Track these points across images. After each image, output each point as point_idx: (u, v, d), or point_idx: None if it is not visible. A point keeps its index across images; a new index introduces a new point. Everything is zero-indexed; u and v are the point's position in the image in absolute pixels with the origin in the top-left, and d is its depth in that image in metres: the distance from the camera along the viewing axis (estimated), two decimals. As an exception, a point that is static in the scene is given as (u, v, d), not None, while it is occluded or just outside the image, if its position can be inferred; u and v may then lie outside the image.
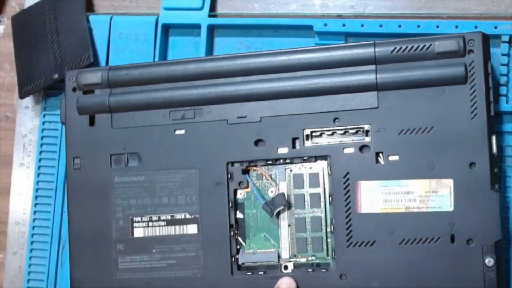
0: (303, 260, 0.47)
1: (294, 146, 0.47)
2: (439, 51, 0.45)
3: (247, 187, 0.48)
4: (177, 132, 0.49)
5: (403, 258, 0.44)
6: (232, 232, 0.47)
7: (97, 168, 0.49)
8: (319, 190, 0.47)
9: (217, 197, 0.47)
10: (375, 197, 0.45)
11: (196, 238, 0.48)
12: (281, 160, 0.48)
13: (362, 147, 0.46)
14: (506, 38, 0.49)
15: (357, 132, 0.46)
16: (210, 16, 0.54)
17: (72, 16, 0.56)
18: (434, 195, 0.44)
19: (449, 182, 0.44)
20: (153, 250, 0.48)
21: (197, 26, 0.54)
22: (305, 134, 0.47)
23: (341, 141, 0.46)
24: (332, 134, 0.46)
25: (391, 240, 0.44)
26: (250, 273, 0.47)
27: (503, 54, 0.49)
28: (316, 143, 0.47)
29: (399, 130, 0.45)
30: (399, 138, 0.45)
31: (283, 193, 0.47)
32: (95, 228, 0.49)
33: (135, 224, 0.49)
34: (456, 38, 0.45)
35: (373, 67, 0.46)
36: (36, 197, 0.56)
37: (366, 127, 0.46)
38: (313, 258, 0.47)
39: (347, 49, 0.46)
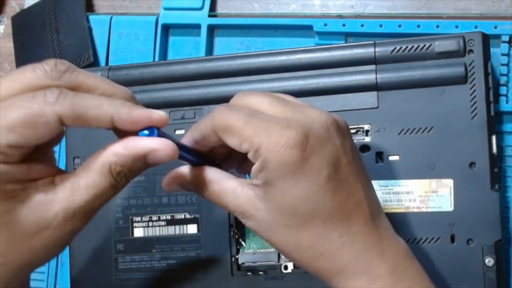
0: (303, 260, 0.47)
1: (294, 146, 0.47)
2: (439, 51, 0.45)
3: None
4: (177, 132, 0.49)
5: (403, 258, 0.44)
6: (232, 232, 0.47)
7: (97, 168, 0.49)
8: (319, 190, 0.47)
9: (217, 197, 0.47)
10: (375, 197, 0.45)
11: (196, 238, 0.48)
12: (281, 160, 0.47)
13: (362, 147, 0.46)
14: (506, 38, 0.49)
15: (357, 132, 0.46)
16: (210, 16, 0.54)
17: (72, 16, 0.56)
18: (434, 195, 0.44)
19: (449, 182, 0.44)
20: (153, 250, 0.48)
21: (197, 26, 0.54)
22: (305, 134, 0.47)
23: (341, 141, 0.46)
24: (332, 134, 0.46)
25: (391, 240, 0.44)
26: (250, 273, 0.47)
27: (503, 54, 0.49)
28: (316, 143, 0.47)
29: (399, 130, 0.45)
30: (399, 138, 0.45)
31: (283, 193, 0.47)
32: (95, 228, 0.49)
33: (135, 224, 0.49)
34: (456, 38, 0.45)
35: (373, 67, 0.46)
36: (36, 197, 0.56)
37: (366, 127, 0.46)
38: (313, 258, 0.47)
39: (347, 49, 0.46)
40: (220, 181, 0.36)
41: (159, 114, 0.33)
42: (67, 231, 0.33)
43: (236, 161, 0.39)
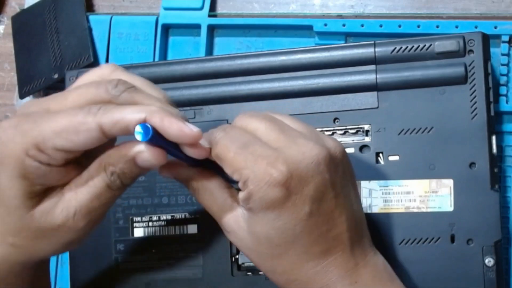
0: (303, 260, 0.47)
1: (294, 146, 0.47)
2: (439, 51, 0.45)
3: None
4: (177, 132, 0.49)
5: (403, 258, 0.44)
6: (232, 232, 0.47)
7: (97, 168, 0.49)
8: (319, 190, 0.47)
9: (217, 197, 0.47)
10: (375, 197, 0.45)
11: (196, 238, 0.48)
12: (281, 160, 0.47)
13: (362, 147, 0.46)
14: (506, 38, 0.49)
15: (357, 132, 0.46)
16: (210, 16, 0.54)
17: (72, 16, 0.56)
18: (434, 195, 0.44)
19: (449, 182, 0.44)
20: (153, 250, 0.48)
21: (197, 26, 0.54)
22: (305, 134, 0.47)
23: (341, 141, 0.46)
24: (332, 134, 0.46)
25: (391, 240, 0.44)
26: (250, 273, 0.47)
27: (503, 54, 0.49)
28: (316, 143, 0.47)
29: (399, 130, 0.45)
30: (399, 138, 0.45)
31: (283, 193, 0.47)
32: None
33: (135, 224, 0.49)
34: (456, 38, 0.45)
35: (373, 67, 0.46)
36: (36, 197, 0.56)
37: (366, 127, 0.46)
38: (313, 258, 0.47)
39: (347, 49, 0.46)
40: (213, 189, 0.37)
41: (191, 130, 0.34)
42: (70, 229, 0.35)
43: None
